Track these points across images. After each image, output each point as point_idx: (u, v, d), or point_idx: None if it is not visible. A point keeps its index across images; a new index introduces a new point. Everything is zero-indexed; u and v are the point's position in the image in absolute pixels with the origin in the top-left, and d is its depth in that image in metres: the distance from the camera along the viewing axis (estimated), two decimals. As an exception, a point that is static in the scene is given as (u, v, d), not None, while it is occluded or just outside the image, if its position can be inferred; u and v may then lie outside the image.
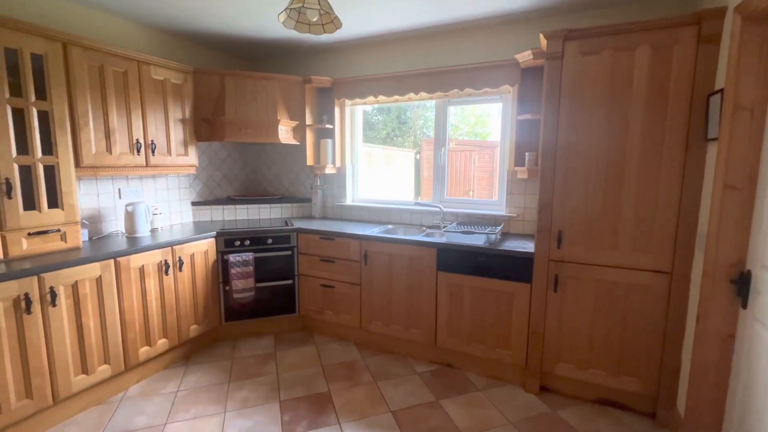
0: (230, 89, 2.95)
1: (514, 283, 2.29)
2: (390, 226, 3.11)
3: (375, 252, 2.71)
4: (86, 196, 2.54)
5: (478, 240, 2.43)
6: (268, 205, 3.48)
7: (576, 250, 2.11)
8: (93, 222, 2.58)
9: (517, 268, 2.28)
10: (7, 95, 1.90)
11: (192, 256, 2.64)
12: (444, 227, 2.80)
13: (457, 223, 2.90)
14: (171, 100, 2.71)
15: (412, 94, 2.97)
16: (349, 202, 3.48)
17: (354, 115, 3.42)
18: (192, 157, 2.90)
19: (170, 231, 2.81)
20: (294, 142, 3.18)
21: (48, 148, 2.09)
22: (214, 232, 2.80)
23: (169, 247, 2.48)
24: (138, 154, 2.52)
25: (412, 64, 3.03)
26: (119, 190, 2.72)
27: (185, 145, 2.84)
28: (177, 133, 2.78)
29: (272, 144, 3.59)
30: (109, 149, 2.36)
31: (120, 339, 2.24)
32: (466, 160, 3.40)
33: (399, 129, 3.59)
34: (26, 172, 2.01)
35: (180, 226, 3.00)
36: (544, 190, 2.15)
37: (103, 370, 2.16)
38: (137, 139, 2.50)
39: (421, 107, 3.44)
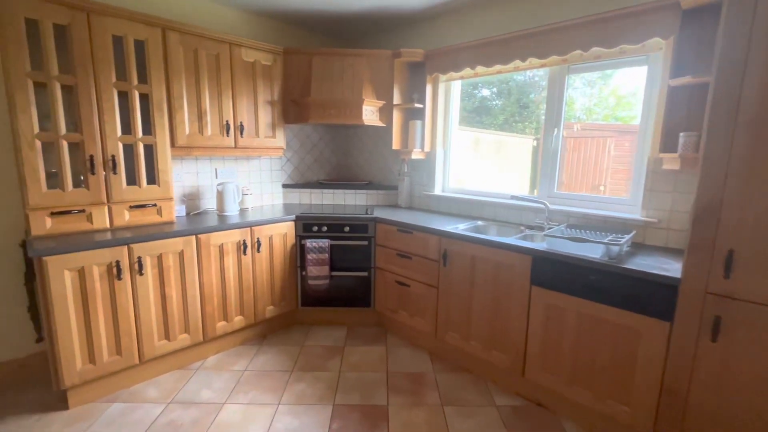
0: (317, 69, 2.83)
1: (643, 317, 1.63)
2: (480, 223, 2.64)
3: (455, 252, 2.29)
4: (187, 174, 2.74)
5: (592, 250, 1.81)
6: (353, 191, 3.33)
7: (757, 283, 1.35)
8: (192, 199, 2.79)
9: (649, 296, 1.61)
10: (114, 79, 2.08)
11: (270, 238, 2.65)
12: (548, 229, 2.21)
13: (567, 225, 2.26)
14: (260, 81, 2.72)
15: (518, 62, 2.39)
16: (437, 191, 3.09)
17: (449, 93, 2.98)
18: (279, 140, 2.90)
19: (259, 211, 2.88)
20: (379, 123, 2.93)
21: (147, 128, 2.26)
22: (293, 216, 2.76)
23: (248, 228, 2.51)
24: (227, 136, 2.60)
25: (518, 24, 2.45)
26: (216, 169, 2.88)
27: (273, 127, 2.85)
28: (265, 115, 2.79)
29: (364, 127, 3.41)
30: (200, 130, 2.47)
31: (199, 311, 2.35)
32: (598, 148, 2.65)
33: (519, 114, 3.01)
34: (129, 151, 2.20)
35: (270, 207, 3.06)
36: (707, 185, 1.43)
37: (183, 339, 2.30)
38: (227, 121, 2.58)
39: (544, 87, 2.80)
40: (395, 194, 3.32)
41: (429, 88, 2.92)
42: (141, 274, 2.08)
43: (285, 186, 3.31)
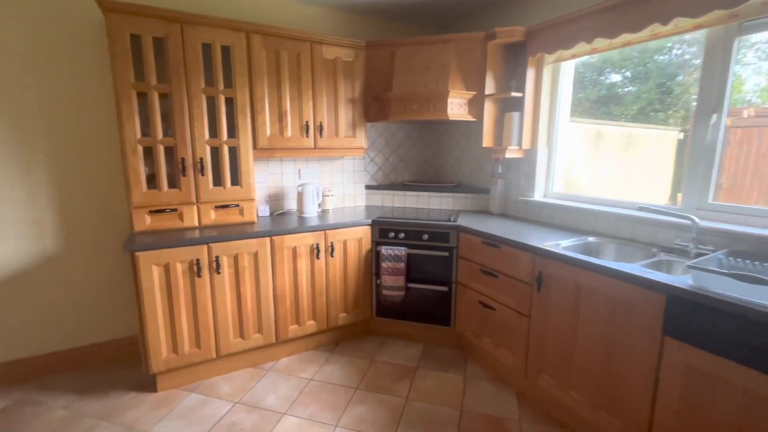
0: (400, 61, 2.60)
1: None
2: (591, 240, 2.07)
3: (553, 275, 1.82)
4: (272, 175, 2.80)
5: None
6: (439, 194, 3.02)
7: None
8: (276, 199, 2.84)
9: None
10: (203, 85, 2.19)
11: (345, 243, 2.53)
12: (697, 257, 1.58)
13: (728, 252, 1.58)
14: (341, 79, 2.61)
15: (656, 25, 1.77)
16: (537, 196, 2.58)
17: (556, 77, 2.44)
18: (360, 139, 2.76)
19: (340, 213, 2.79)
20: (468, 117, 2.55)
21: (232, 131, 2.33)
22: (369, 220, 2.59)
23: (322, 231, 2.43)
24: (306, 137, 2.55)
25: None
26: (299, 170, 2.89)
27: (353, 126, 2.72)
28: (345, 114, 2.68)
29: (454, 123, 3.07)
30: (281, 132, 2.47)
31: (272, 313, 2.35)
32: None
33: (661, 101, 2.32)
34: (214, 153, 2.30)
35: (351, 210, 2.97)
36: None
37: (256, 338, 2.33)
38: (306, 122, 2.53)
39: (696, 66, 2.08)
40: (486, 198, 2.89)
41: (531, 74, 2.43)
42: (218, 272, 2.15)
43: (368, 187, 3.18)
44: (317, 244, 2.42)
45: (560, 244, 1.95)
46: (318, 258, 2.44)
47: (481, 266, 2.27)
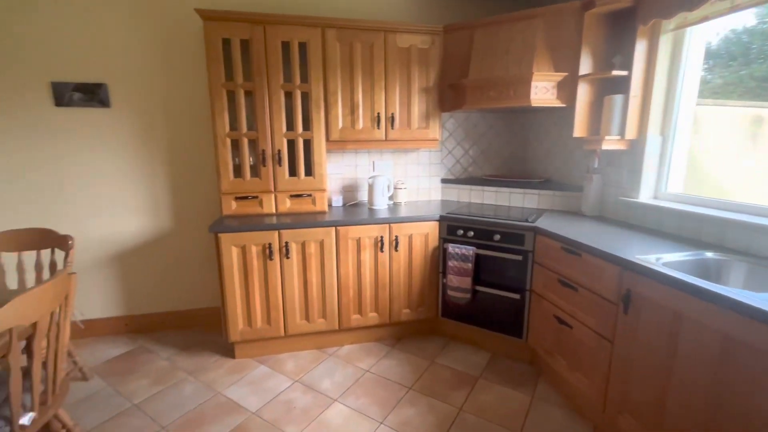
0: (479, 44, 2.38)
1: None
2: (709, 255, 1.61)
3: (646, 297, 1.46)
4: (347, 167, 2.87)
5: None
6: (521, 191, 2.72)
7: None
8: (350, 190, 2.91)
9: None
10: (281, 81, 2.33)
11: (410, 237, 2.45)
12: None
13: None
14: (415, 67, 2.51)
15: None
16: (644, 198, 2.11)
17: (678, 48, 1.94)
18: (433, 131, 2.64)
19: (413, 206, 2.72)
20: (556, 103, 2.21)
21: (306, 124, 2.44)
22: (437, 215, 2.46)
23: (386, 224, 2.40)
24: (377, 128, 2.54)
25: None
26: (373, 162, 2.90)
27: (427, 117, 2.61)
28: (419, 104, 2.58)
29: (546, 111, 2.70)
30: (352, 124, 2.50)
31: (336, 300, 2.42)
32: None
33: None
34: (291, 145, 2.45)
35: (424, 204, 2.87)
36: None
37: (320, 323, 2.43)
38: (378, 113, 2.51)
39: None
40: (578, 198, 2.49)
41: (641, 47, 1.98)
42: (288, 257, 2.30)
43: (444, 181, 3.03)
44: (381, 237, 2.40)
45: (662, 259, 1.56)
46: (382, 251, 2.42)
47: (558, 275, 1.96)
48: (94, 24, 2.34)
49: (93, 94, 2.41)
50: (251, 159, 2.44)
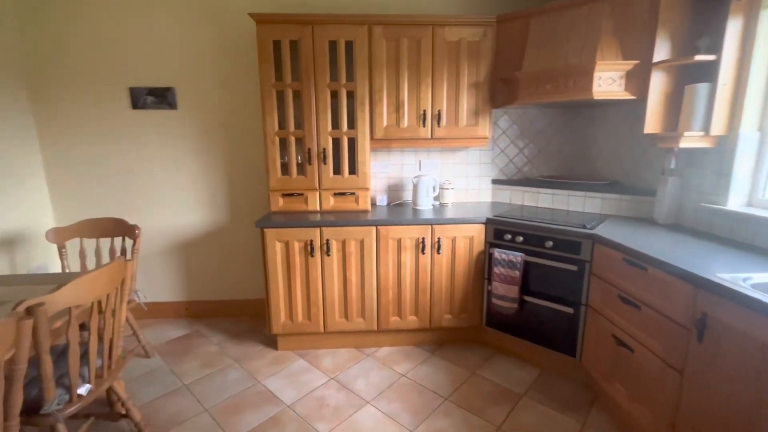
0: (535, 33, 2.19)
1: None
2: (820, 279, 1.30)
3: (726, 324, 1.22)
4: (393, 166, 2.83)
5: None
6: (582, 194, 2.46)
7: None
8: (395, 190, 2.86)
9: None
10: (328, 81, 2.35)
11: (453, 240, 2.34)
12: None
13: None
14: (464, 62, 2.39)
15: None
16: (734, 204, 1.78)
17: (792, 23, 1.60)
18: (483, 128, 2.49)
19: (460, 208, 2.61)
20: (624, 95, 1.95)
21: (351, 123, 2.44)
22: (484, 218, 2.32)
23: (428, 226, 2.31)
24: (423, 126, 2.46)
25: None
26: (419, 161, 2.82)
27: (476, 113, 2.47)
28: (468, 100, 2.45)
29: (617, 105, 2.42)
30: (397, 122, 2.45)
31: (375, 301, 2.39)
32: None
33: None
34: (336, 144, 2.46)
35: (473, 205, 2.73)
36: None
37: (359, 322, 2.42)
38: (424, 110, 2.43)
39: None
40: (651, 202, 2.19)
41: (734, 26, 1.66)
42: (328, 254, 2.31)
43: (495, 182, 2.86)
44: (422, 239, 2.32)
45: (751, 279, 1.29)
46: (423, 253, 2.34)
47: (619, 290, 1.73)
48: (163, 34, 2.56)
49: (163, 98, 2.64)
50: (298, 157, 2.50)
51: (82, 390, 1.43)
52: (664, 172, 2.07)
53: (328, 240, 2.29)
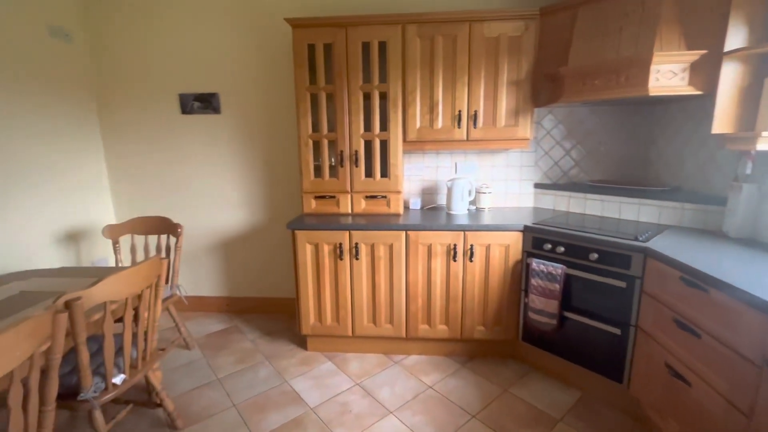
0: (582, 24, 2.00)
1: None
2: None
3: (808, 365, 1.00)
4: (427, 168, 2.74)
5: None
6: (637, 200, 2.21)
7: None
8: (429, 193, 2.77)
9: None
10: (360, 83, 2.33)
11: (487, 248, 2.21)
12: None
13: None
14: (504, 58, 2.25)
15: None
16: (827, 219, 1.49)
17: None
18: (523, 129, 2.32)
19: (498, 213, 2.47)
20: (687, 90, 1.71)
21: (384, 124, 2.39)
22: (521, 225, 2.17)
23: (461, 232, 2.20)
24: (458, 127, 2.35)
25: None
26: (455, 164, 2.71)
27: (516, 113, 2.31)
28: (507, 99, 2.30)
29: (680, 102, 2.16)
30: (431, 123, 2.36)
31: (404, 307, 2.33)
32: None
33: None
34: (368, 146, 2.43)
35: (512, 211, 2.57)
36: None
37: (387, 328, 2.37)
38: (459, 111, 2.32)
39: None
40: (720, 212, 1.91)
41: (834, 2, 1.38)
42: (357, 258, 2.29)
43: (537, 186, 2.67)
44: (454, 245, 2.22)
45: None
46: (454, 260, 2.24)
47: (675, 313, 1.52)
48: (209, 43, 2.69)
49: (208, 103, 2.78)
50: (331, 160, 2.50)
51: (117, 380, 1.52)
52: (738, 178, 1.79)
53: (356, 243, 2.27)
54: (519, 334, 2.28)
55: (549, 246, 2.06)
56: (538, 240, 2.10)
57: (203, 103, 2.78)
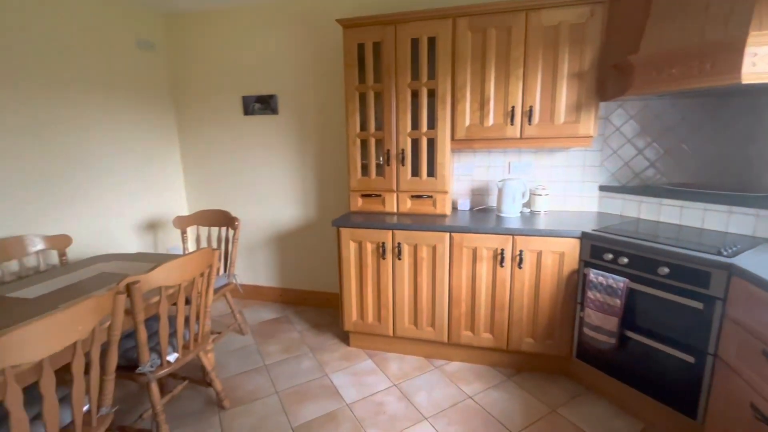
0: (658, 6, 1.74)
1: None
2: None
3: None
4: (478, 168, 2.62)
5: None
6: (726, 208, 1.89)
7: None
8: (480, 194, 2.65)
9: None
10: (409, 80, 2.29)
11: (539, 255, 2.05)
12: None
13: None
14: (564, 48, 2.05)
15: None
16: None
17: None
18: (585, 125, 2.10)
19: (553, 217, 2.28)
20: (796, 77, 1.41)
21: (431, 122, 2.33)
22: (578, 232, 1.97)
23: (509, 236, 2.07)
24: (511, 125, 2.20)
25: None
26: (509, 164, 2.55)
27: (577, 108, 2.10)
28: (567, 93, 2.10)
29: (790, 90, 1.79)
30: (481, 121, 2.25)
31: (446, 311, 2.26)
32: None
33: None
34: (414, 145, 2.39)
35: (572, 215, 2.36)
36: None
37: (428, 331, 2.32)
38: (512, 107, 2.17)
39: None
40: (840, 226, 1.55)
41: None
42: (399, 258, 2.27)
43: (603, 189, 2.41)
44: (501, 250, 2.09)
45: None
46: (501, 266, 2.11)
47: (766, 345, 1.27)
48: (268, 47, 2.85)
49: (267, 104, 2.94)
50: (380, 158, 2.50)
51: (171, 357, 1.67)
52: None
53: (399, 243, 2.24)
54: (573, 350, 2.08)
55: (610, 256, 1.84)
56: (598, 249, 1.89)
57: (263, 104, 2.95)
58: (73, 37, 2.39)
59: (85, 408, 1.31)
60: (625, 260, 1.78)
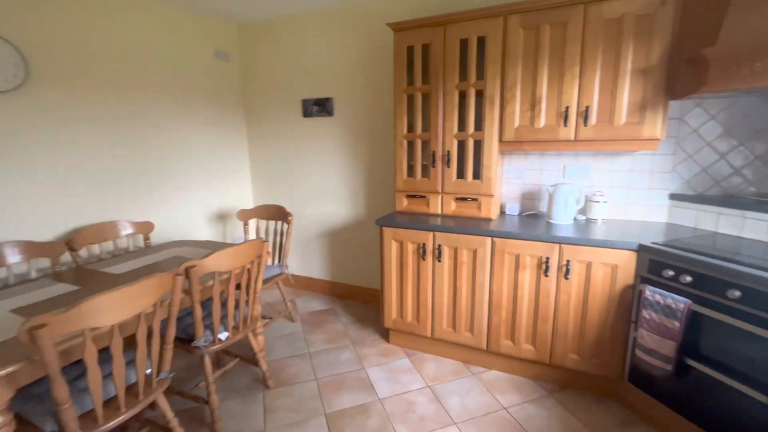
0: (744, -12, 1.51)
1: None
2: None
3: None
4: (530, 171, 2.50)
5: None
6: (829, 226, 1.59)
7: None
8: (530, 198, 2.52)
9: None
10: (457, 81, 2.27)
11: (588, 266, 1.91)
12: None
13: None
14: (628, 42, 1.87)
15: None
16: None
17: None
18: (650, 127, 1.90)
19: (611, 226, 2.11)
20: None
21: (478, 124, 2.28)
22: (635, 244, 1.79)
23: (555, 245, 1.96)
24: (565, 126, 2.07)
25: None
26: (564, 167, 2.40)
27: (641, 107, 1.91)
28: (630, 91, 1.91)
29: None
30: (531, 121, 2.14)
31: (485, 318, 2.21)
32: None
33: None
34: (461, 146, 2.36)
35: (636, 225, 2.15)
36: None
37: (466, 336, 2.28)
38: (566, 107, 2.04)
39: None
40: None
41: None
42: (439, 260, 2.26)
43: (674, 197, 2.15)
44: (546, 258, 1.98)
45: None
46: (546, 275, 2.00)
47: None
48: (325, 51, 3.01)
49: (323, 107, 3.10)
50: (425, 160, 2.51)
51: (222, 336, 1.87)
52: None
53: (440, 245, 2.24)
54: (625, 372, 1.90)
55: (671, 273, 1.65)
56: (657, 263, 1.71)
57: (320, 107, 3.12)
58: (162, 46, 2.76)
59: (148, 371, 1.53)
60: (688, 278, 1.59)
